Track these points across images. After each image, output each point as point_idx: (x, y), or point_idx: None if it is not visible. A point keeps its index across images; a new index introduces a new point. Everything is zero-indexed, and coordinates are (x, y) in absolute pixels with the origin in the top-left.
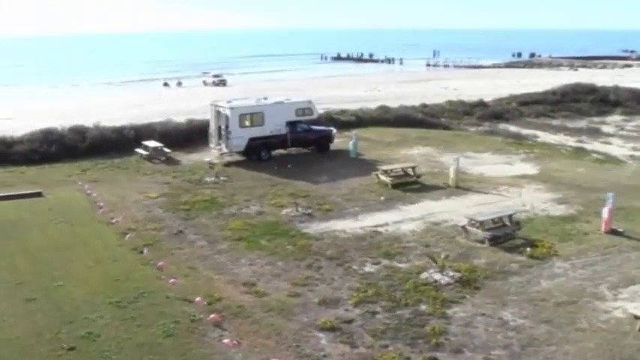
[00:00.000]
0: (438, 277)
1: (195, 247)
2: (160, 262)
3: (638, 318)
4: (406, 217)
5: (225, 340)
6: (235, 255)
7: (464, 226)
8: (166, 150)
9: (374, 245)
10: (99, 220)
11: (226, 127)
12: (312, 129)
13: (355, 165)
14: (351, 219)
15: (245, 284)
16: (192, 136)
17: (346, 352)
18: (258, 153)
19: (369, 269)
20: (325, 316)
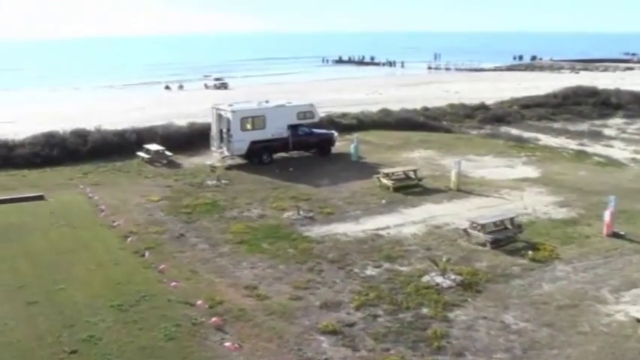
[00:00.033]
0: (439, 280)
1: (197, 251)
2: (162, 266)
3: None
4: (408, 221)
5: (227, 344)
6: (237, 258)
7: (465, 230)
8: (168, 153)
9: (375, 248)
10: (100, 224)
11: (228, 130)
12: (313, 132)
13: (357, 168)
14: (353, 222)
15: (246, 287)
16: (194, 140)
17: (348, 356)
18: (259, 156)
19: (370, 272)
20: (327, 320)
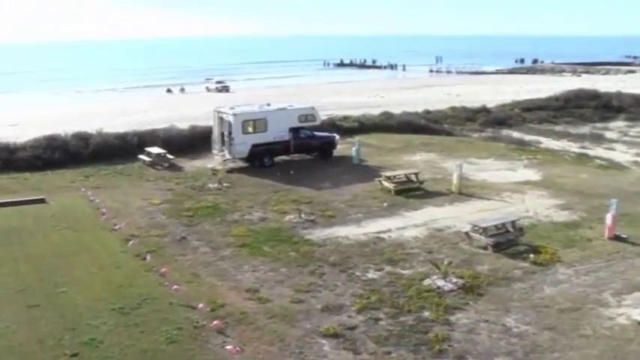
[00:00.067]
0: (441, 283)
1: (198, 254)
2: (163, 269)
3: None
4: (409, 224)
5: (229, 347)
6: (238, 261)
7: (467, 233)
8: (169, 156)
9: (377, 252)
10: (102, 227)
11: (229, 133)
12: (315, 135)
13: (358, 171)
14: (354, 225)
15: (248, 290)
16: (195, 143)
17: (349, 359)
18: (261, 159)
19: (372, 276)
20: (328, 323)
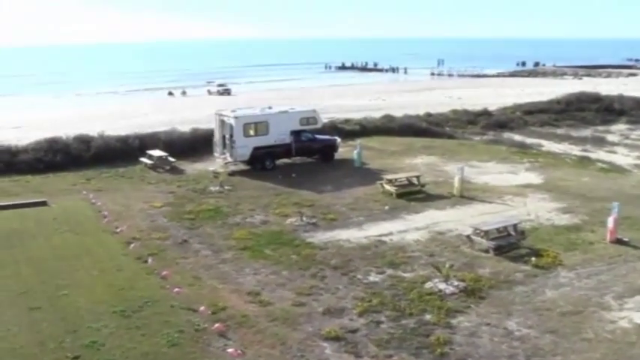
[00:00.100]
0: (442, 286)
1: (200, 257)
2: (165, 272)
3: None
4: (411, 227)
5: (230, 350)
6: (240, 264)
7: (468, 236)
8: (171, 159)
9: (378, 255)
10: (103, 229)
11: (231, 136)
12: (316, 138)
13: (360, 174)
14: (356, 228)
15: (249, 293)
16: (197, 146)
17: None
18: (262, 162)
19: (373, 279)
20: (330, 326)
